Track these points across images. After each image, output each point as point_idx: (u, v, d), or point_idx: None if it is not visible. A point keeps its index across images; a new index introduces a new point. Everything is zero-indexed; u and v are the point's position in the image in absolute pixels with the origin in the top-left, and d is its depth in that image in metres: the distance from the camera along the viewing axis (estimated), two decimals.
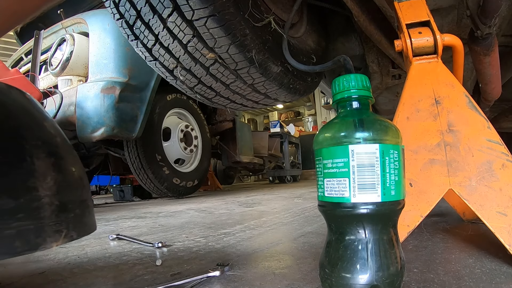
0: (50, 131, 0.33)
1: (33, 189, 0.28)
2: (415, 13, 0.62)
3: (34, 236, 0.27)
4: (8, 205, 0.26)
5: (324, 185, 0.37)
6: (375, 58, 1.17)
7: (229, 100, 1.06)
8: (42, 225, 0.28)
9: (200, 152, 2.79)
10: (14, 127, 0.29)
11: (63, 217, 0.30)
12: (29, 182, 0.28)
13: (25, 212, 0.27)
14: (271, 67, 0.90)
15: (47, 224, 0.28)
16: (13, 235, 0.25)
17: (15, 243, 0.26)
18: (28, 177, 0.28)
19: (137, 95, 2.00)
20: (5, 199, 0.25)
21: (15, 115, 0.31)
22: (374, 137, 0.34)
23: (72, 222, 0.31)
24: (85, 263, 0.62)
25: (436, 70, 0.57)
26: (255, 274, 0.50)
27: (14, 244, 0.25)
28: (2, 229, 0.25)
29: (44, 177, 0.29)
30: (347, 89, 0.38)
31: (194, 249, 0.69)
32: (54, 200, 0.29)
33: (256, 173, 5.56)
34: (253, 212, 1.33)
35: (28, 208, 0.27)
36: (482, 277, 0.43)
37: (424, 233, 0.70)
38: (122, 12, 0.84)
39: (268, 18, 0.86)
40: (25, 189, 0.27)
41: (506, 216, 0.47)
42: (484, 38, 0.71)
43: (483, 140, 0.51)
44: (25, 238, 0.26)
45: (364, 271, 0.34)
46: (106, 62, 1.90)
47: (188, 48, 0.83)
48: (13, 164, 0.27)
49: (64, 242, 0.30)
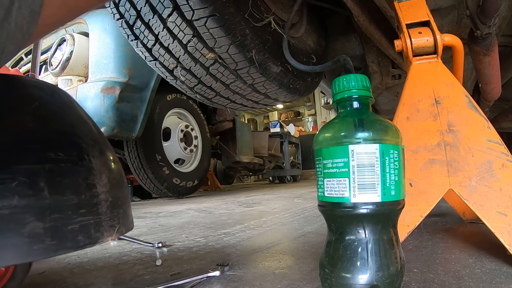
0: (96, 130, 0.35)
1: (92, 186, 0.29)
2: (415, 13, 0.62)
3: (94, 231, 0.29)
4: (72, 201, 0.27)
5: (324, 185, 0.37)
6: (375, 58, 1.17)
7: (229, 100, 1.06)
8: (100, 220, 0.29)
9: (200, 152, 2.79)
10: (71, 126, 0.31)
11: (115, 212, 0.32)
12: (88, 180, 0.29)
13: (86, 208, 0.28)
14: (271, 67, 0.90)
15: (104, 219, 0.30)
16: (76, 230, 0.27)
17: (79, 237, 0.27)
18: (87, 175, 0.29)
19: (137, 95, 2.00)
20: (69, 195, 0.27)
21: (69, 115, 0.32)
22: (374, 137, 0.34)
23: (121, 218, 0.33)
24: (85, 263, 0.62)
25: (436, 70, 0.57)
26: (255, 274, 0.50)
27: (77, 238, 0.27)
28: (67, 224, 0.26)
29: (100, 174, 0.31)
30: (347, 89, 0.38)
31: (194, 249, 0.69)
32: (108, 196, 0.31)
33: (256, 173, 5.56)
34: (253, 212, 1.33)
35: (89, 204, 0.29)
36: (482, 277, 0.43)
37: (424, 233, 0.70)
38: (122, 12, 0.84)
39: (268, 18, 0.86)
40: (86, 186, 0.29)
41: (506, 216, 0.47)
42: (484, 38, 0.71)
43: (483, 140, 0.51)
44: (87, 232, 0.28)
45: (364, 271, 0.34)
46: (106, 62, 1.90)
47: (188, 48, 0.83)
48: (75, 162, 0.28)
49: (116, 236, 0.32)
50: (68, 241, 0.26)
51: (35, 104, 0.29)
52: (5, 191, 0.23)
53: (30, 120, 0.28)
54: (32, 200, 0.24)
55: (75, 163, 0.28)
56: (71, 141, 0.29)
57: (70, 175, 0.28)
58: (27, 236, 0.24)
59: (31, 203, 0.24)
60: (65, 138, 0.29)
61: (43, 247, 0.24)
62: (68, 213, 0.26)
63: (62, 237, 0.26)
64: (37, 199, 0.25)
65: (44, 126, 0.28)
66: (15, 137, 0.26)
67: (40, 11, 0.25)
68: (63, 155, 0.28)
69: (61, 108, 0.32)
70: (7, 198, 0.23)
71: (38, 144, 0.27)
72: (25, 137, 0.26)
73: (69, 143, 0.29)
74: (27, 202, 0.24)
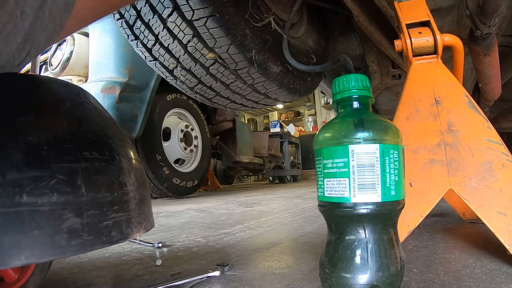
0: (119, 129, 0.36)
1: (123, 184, 0.30)
2: (415, 13, 0.62)
3: (125, 227, 0.30)
4: (107, 198, 0.28)
5: (324, 185, 0.37)
6: (375, 58, 1.17)
7: (229, 100, 1.06)
8: (130, 217, 0.31)
9: (200, 152, 2.79)
10: (101, 126, 0.32)
11: (142, 209, 0.33)
12: (120, 178, 0.30)
13: (119, 205, 0.29)
14: (271, 67, 0.90)
15: (133, 216, 0.31)
16: (110, 226, 0.28)
17: (112, 232, 0.28)
18: (119, 173, 0.30)
19: (137, 95, 2.00)
20: (104, 192, 0.28)
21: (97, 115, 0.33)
22: (374, 137, 0.34)
23: (147, 215, 0.35)
24: (85, 263, 0.62)
25: (436, 70, 0.57)
26: (255, 274, 0.50)
27: (111, 234, 0.28)
28: (102, 220, 0.27)
29: (129, 173, 0.32)
30: (347, 89, 0.38)
31: (194, 249, 0.69)
32: (136, 194, 0.32)
33: (256, 173, 5.56)
34: (253, 212, 1.33)
35: (121, 201, 0.30)
36: (482, 277, 0.43)
37: (424, 233, 0.70)
38: (122, 12, 0.84)
39: (268, 18, 0.86)
40: (118, 184, 0.30)
41: (506, 216, 0.47)
42: (484, 38, 0.71)
43: (483, 140, 0.51)
44: (119, 228, 0.29)
45: (364, 271, 0.34)
46: (106, 62, 1.90)
47: (188, 48, 0.83)
48: (108, 161, 0.30)
49: (143, 233, 0.33)
50: (103, 237, 0.27)
51: (67, 104, 0.30)
52: (45, 189, 0.24)
53: (65, 120, 0.28)
54: (70, 197, 0.25)
55: (108, 162, 0.29)
56: (103, 141, 0.30)
57: (105, 173, 0.29)
58: (65, 231, 0.25)
59: (70, 200, 0.25)
60: (97, 138, 0.30)
61: (80, 242, 0.25)
62: (103, 209, 0.28)
63: (98, 233, 0.27)
64: (75, 196, 0.26)
65: (78, 126, 0.29)
66: (53, 136, 0.27)
67: (74, 2, 0.25)
68: (97, 154, 0.29)
69: (90, 108, 0.33)
70: (47, 195, 0.24)
71: (75, 143, 0.28)
72: (62, 136, 0.27)
73: (101, 142, 0.30)
74: (66, 199, 0.25)
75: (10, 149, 0.24)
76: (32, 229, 0.23)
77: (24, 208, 0.23)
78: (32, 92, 0.29)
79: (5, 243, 0.22)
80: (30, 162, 0.24)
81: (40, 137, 0.26)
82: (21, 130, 0.25)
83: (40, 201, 0.24)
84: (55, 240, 0.24)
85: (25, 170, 0.24)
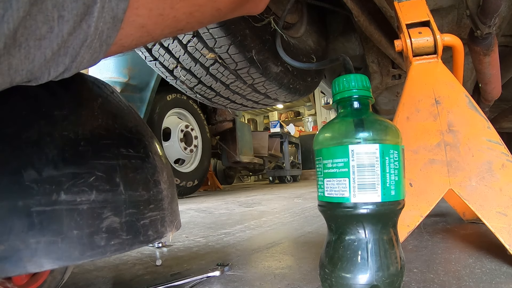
0: (148, 127, 0.35)
1: (158, 182, 0.30)
2: (415, 13, 0.62)
3: (160, 225, 0.29)
4: (144, 197, 0.27)
5: (324, 185, 0.37)
6: (375, 58, 1.17)
7: (229, 100, 1.06)
8: (164, 216, 0.30)
9: (200, 152, 2.79)
10: (134, 123, 0.31)
11: (174, 208, 0.33)
12: (155, 176, 0.29)
13: (154, 204, 0.29)
14: (271, 67, 0.90)
15: (166, 215, 0.30)
16: (147, 224, 0.27)
17: (149, 231, 0.27)
18: (154, 172, 0.30)
19: (137, 95, 2.00)
20: (141, 191, 0.27)
21: (128, 112, 0.32)
22: (374, 137, 0.34)
23: (177, 213, 0.34)
24: (85, 263, 0.62)
25: (436, 70, 0.57)
26: (255, 274, 0.50)
27: (148, 233, 0.27)
28: (140, 219, 0.27)
29: (162, 172, 0.31)
30: (347, 89, 0.38)
31: (194, 249, 0.69)
32: (168, 193, 0.32)
33: (256, 173, 5.56)
34: (253, 212, 1.33)
35: (156, 200, 0.29)
36: (482, 277, 0.43)
37: (424, 233, 0.70)
38: None
39: (268, 18, 0.86)
40: (153, 183, 0.29)
41: (506, 216, 0.47)
42: (484, 38, 0.71)
43: (483, 140, 0.51)
44: (155, 227, 0.28)
45: (364, 271, 0.34)
46: (106, 62, 1.90)
47: (188, 48, 0.83)
48: (143, 159, 0.29)
49: (175, 231, 0.32)
50: (141, 236, 0.26)
51: (99, 100, 0.29)
52: (83, 186, 0.23)
53: (99, 115, 0.27)
54: (109, 195, 0.24)
55: (143, 159, 0.29)
56: (137, 138, 0.29)
57: (141, 171, 0.28)
58: (105, 231, 0.24)
59: (109, 198, 0.24)
60: (132, 135, 0.29)
61: (119, 242, 0.24)
62: (140, 208, 0.27)
63: (136, 232, 0.26)
64: (113, 194, 0.25)
65: (113, 122, 0.28)
66: (90, 132, 0.25)
67: (123, 18, 0.21)
68: (133, 151, 0.28)
69: (121, 104, 0.31)
70: (85, 193, 0.23)
71: (111, 139, 0.27)
72: (99, 132, 0.26)
73: (136, 140, 0.29)
74: (105, 197, 0.24)
75: (45, 144, 0.22)
76: (70, 229, 0.22)
77: (62, 206, 0.22)
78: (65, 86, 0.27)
79: (41, 244, 0.21)
80: (67, 158, 0.23)
81: (76, 132, 0.24)
82: (56, 125, 0.24)
83: (78, 199, 0.22)
84: (94, 240, 0.23)
85: (63, 167, 0.22)
